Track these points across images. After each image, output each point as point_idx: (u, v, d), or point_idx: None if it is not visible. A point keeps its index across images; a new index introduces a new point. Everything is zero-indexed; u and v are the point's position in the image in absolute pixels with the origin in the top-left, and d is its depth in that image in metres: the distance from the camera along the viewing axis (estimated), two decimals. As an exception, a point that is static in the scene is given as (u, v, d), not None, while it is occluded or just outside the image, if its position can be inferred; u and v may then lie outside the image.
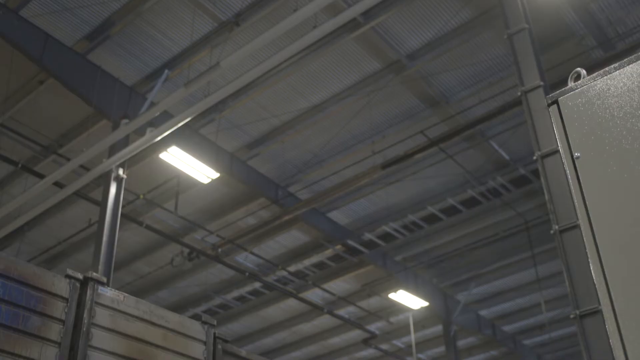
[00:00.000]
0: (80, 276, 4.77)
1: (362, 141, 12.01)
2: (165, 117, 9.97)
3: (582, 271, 8.46)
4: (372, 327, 16.19)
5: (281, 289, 14.77)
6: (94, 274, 4.88)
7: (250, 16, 9.88)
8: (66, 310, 4.60)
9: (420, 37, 10.36)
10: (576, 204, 1.76)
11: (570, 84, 1.93)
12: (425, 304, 14.93)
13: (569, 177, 1.83)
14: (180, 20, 10.13)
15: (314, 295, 15.41)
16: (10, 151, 11.31)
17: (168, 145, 10.59)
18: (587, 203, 1.73)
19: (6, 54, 10.16)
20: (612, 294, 1.62)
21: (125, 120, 9.98)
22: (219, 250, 13.59)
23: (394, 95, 11.20)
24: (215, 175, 11.36)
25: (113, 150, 10.10)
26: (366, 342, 16.52)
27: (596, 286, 1.69)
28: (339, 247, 13.89)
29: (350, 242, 13.74)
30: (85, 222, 12.90)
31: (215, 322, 5.56)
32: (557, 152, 7.95)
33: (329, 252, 14.12)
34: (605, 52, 10.26)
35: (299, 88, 11.09)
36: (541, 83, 7.88)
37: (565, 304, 14.19)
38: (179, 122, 9.10)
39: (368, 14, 9.89)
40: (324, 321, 16.18)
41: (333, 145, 12.08)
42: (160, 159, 10.96)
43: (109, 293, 4.88)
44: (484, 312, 16.43)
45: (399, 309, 15.46)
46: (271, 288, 14.91)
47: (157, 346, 5.06)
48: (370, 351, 17.13)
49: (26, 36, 9.85)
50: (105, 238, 9.58)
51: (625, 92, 1.78)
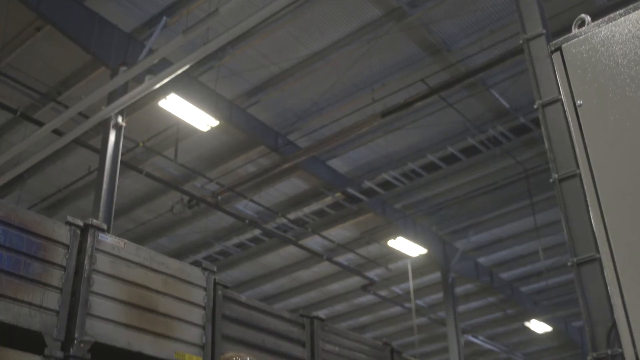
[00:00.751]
0: (80, 223, 4.79)
1: (362, 89, 11.94)
2: (164, 64, 9.88)
3: (580, 219, 8.51)
4: (371, 274, 16.36)
5: (281, 236, 14.87)
6: (94, 220, 4.90)
7: (249, -39, 9.72)
8: (67, 257, 4.62)
9: (422, -17, 10.22)
10: (577, 152, 1.75)
11: (574, 30, 1.90)
12: (423, 251, 15.05)
13: (571, 125, 1.82)
14: (178, -36, 9.97)
15: (314, 242, 15.53)
16: (9, 99, 11.25)
17: (167, 93, 10.52)
18: (588, 151, 1.72)
19: (2, 1, 10.03)
20: (611, 242, 1.63)
21: (123, 68, 9.91)
22: (219, 197, 13.64)
23: (394, 43, 11.09)
24: (214, 123, 11.32)
25: (112, 97, 10.04)
26: (365, 289, 16.70)
27: (595, 234, 1.70)
28: (338, 195, 13.93)
29: (350, 190, 13.78)
30: (85, 170, 12.91)
31: (215, 269, 5.60)
32: (558, 100, 7.91)
33: (328, 200, 14.17)
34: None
35: (299, 35, 10.98)
36: (543, 31, 7.79)
37: (563, 251, 14.31)
38: (178, 70, 9.03)
39: (369, -41, 9.72)
40: (324, 268, 16.33)
41: (333, 93, 12.02)
42: (160, 106, 10.91)
43: (109, 240, 4.90)
44: (482, 260, 16.57)
45: (397, 256, 15.59)
46: (271, 235, 15.01)
47: (158, 292, 5.11)
48: (369, 297, 17.33)
49: (22, -19, 9.70)
50: (105, 186, 9.60)
51: (629, 39, 1.75)
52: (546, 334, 18.83)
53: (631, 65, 1.72)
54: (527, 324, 18.12)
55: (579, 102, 1.78)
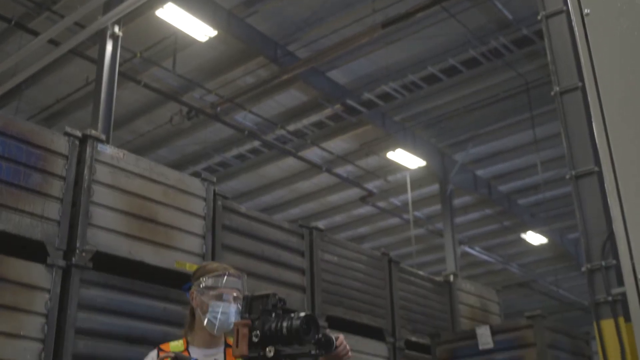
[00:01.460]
0: (79, 134, 4.77)
1: (363, -2, 11.69)
2: (160, -29, 9.65)
3: (580, 133, 8.47)
4: (370, 186, 16.45)
5: (280, 147, 14.88)
6: (93, 131, 4.88)
7: None
8: (66, 168, 4.63)
9: None
10: (583, 62, 1.72)
11: None
12: (422, 163, 15.10)
13: (577, 35, 1.78)
14: None
15: (313, 154, 15.54)
16: (2, 8, 11.02)
17: (164, 2, 10.31)
18: (594, 62, 1.69)
19: None
20: (613, 153, 1.62)
21: (119, -25, 9.68)
22: (218, 109, 13.57)
23: (396, -50, 10.80)
24: (212, 33, 11.14)
25: (108, 7, 9.85)
26: (364, 200, 16.83)
27: (598, 146, 1.69)
28: (338, 106, 13.85)
29: (349, 102, 13.69)
30: (83, 80, 12.78)
31: (214, 180, 5.62)
32: (563, 12, 7.75)
33: (327, 112, 14.10)
34: None
35: (299, -59, 10.67)
36: (550, -63, 7.57)
37: (561, 165, 14.34)
38: (175, -23, 8.82)
39: None
40: (323, 179, 16.41)
41: (333, 3, 11.77)
42: (157, 16, 10.71)
43: (108, 150, 4.89)
44: (480, 172, 16.64)
45: (396, 168, 15.64)
46: (270, 147, 15.01)
47: (158, 202, 5.14)
48: (367, 208, 17.49)
49: None
50: (103, 96, 9.52)
51: (641, -55, 1.69)
52: (542, 246, 19.11)
53: (642, -28, 1.66)
54: (524, 235, 18.36)
55: (586, 10, 1.74)
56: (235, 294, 3.23)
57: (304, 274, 6.35)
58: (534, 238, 18.35)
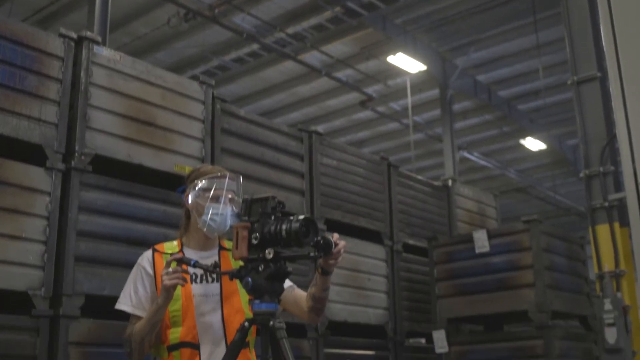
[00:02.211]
0: (74, 35, 4.69)
1: None
2: None
3: (584, 38, 8.37)
4: (370, 90, 16.32)
5: (279, 51, 14.67)
6: (89, 33, 4.79)
7: None
8: (62, 70, 4.57)
9: None
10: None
11: None
12: (423, 67, 14.93)
13: None
14: None
15: (312, 57, 15.33)
16: None
17: None
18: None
19: None
20: (620, 57, 1.58)
21: None
22: (216, 11, 13.29)
23: None
24: None
25: None
26: (363, 105, 16.74)
27: (605, 49, 1.65)
28: (338, 9, 13.57)
29: (350, 4, 13.39)
30: (78, -20, 12.47)
31: (213, 83, 5.56)
32: None
33: (327, 14, 13.82)
34: None
35: None
36: None
37: (563, 70, 14.18)
38: None
39: None
40: (322, 83, 16.25)
41: None
42: None
43: (104, 52, 4.82)
44: (480, 77, 16.48)
45: (396, 72, 15.47)
46: (269, 50, 14.80)
47: (156, 105, 5.10)
48: (367, 113, 17.41)
49: None
50: (98, -3, 9.32)
51: None
52: (540, 152, 19.15)
53: None
54: (523, 141, 18.37)
55: None
56: (231, 196, 3.23)
57: (303, 177, 6.38)
58: (533, 144, 18.36)
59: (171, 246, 3.26)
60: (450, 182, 8.64)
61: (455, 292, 7.16)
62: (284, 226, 2.77)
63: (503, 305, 6.86)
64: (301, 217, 2.76)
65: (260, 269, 2.79)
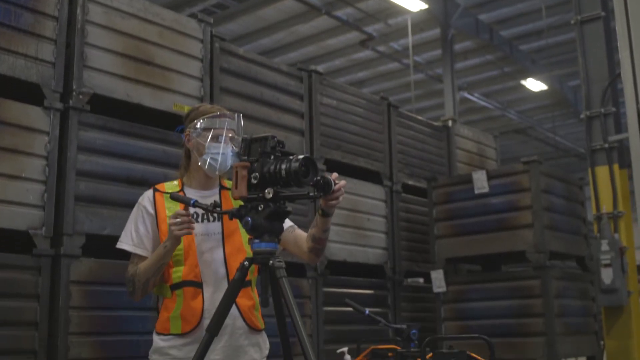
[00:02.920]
0: (69, -29, 4.60)
1: None
2: None
3: (588, -25, 8.24)
4: (370, 29, 16.11)
5: (278, -11, 14.43)
6: (84, -32, 4.70)
7: None
8: (58, 7, 4.50)
9: None
10: None
11: None
12: (424, 6, 14.70)
13: None
14: None
15: (312, -4, 15.11)
16: None
17: None
18: None
19: None
20: (627, -6, 1.55)
21: None
22: (214, -53, 13.03)
23: None
24: None
25: None
26: (363, 44, 16.55)
27: (612, -15, 1.61)
28: (338, -55, 13.31)
29: (350, -60, 13.15)
30: None
31: (211, 21, 5.49)
32: None
33: (327, -49, 13.58)
34: None
35: None
36: None
37: (566, 10, 13.99)
38: None
39: None
40: (322, 22, 16.02)
41: None
42: None
43: (101, -11, 4.73)
44: (482, 17, 16.25)
45: (397, 11, 15.25)
46: (268, -12, 14.57)
47: (154, 44, 5.04)
48: (367, 53, 17.23)
49: None
50: None
51: None
52: (541, 93, 19.02)
53: None
54: (523, 82, 18.23)
55: None
56: (231, 135, 3.22)
57: (302, 117, 6.35)
58: (534, 85, 18.22)
59: (172, 186, 3.26)
60: (450, 123, 8.61)
61: (453, 232, 7.21)
62: (283, 166, 2.76)
63: (501, 246, 6.91)
64: (301, 156, 2.75)
65: (259, 208, 2.80)
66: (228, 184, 3.25)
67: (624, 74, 1.42)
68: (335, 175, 2.87)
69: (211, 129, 3.19)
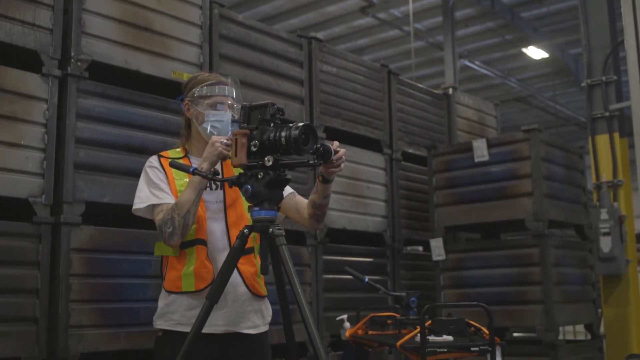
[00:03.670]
0: None
1: None
2: None
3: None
4: (370, -3, 15.98)
5: (278, -45, 14.27)
6: None
7: None
8: (56, -28, 4.44)
9: None
10: None
11: None
12: (425, -27, 14.59)
13: None
14: None
15: (312, -39, 14.95)
16: None
17: None
18: None
19: None
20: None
21: None
22: None
23: None
24: None
25: None
26: (363, 11, 16.41)
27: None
28: None
29: None
30: None
31: (211, -12, 5.42)
32: None
33: None
34: None
35: None
36: None
37: (569, -24, 13.87)
38: None
39: None
40: (322, -11, 15.90)
41: None
42: None
43: (98, -46, 4.67)
44: (484, -17, 16.10)
45: (398, -22, 15.13)
46: (267, -46, 14.39)
47: (152, 10, 5.00)
48: (367, 20, 17.08)
49: None
50: None
51: None
52: (542, 60, 18.90)
53: None
54: (525, 50, 18.10)
55: None
56: (230, 102, 3.23)
57: (302, 84, 6.32)
58: (535, 53, 18.10)
59: (175, 152, 3.28)
60: (450, 91, 8.57)
61: (453, 200, 7.21)
62: (283, 133, 2.76)
63: (500, 214, 6.92)
64: (301, 124, 2.75)
65: (259, 176, 2.80)
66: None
67: (627, 41, 1.39)
68: (336, 144, 2.87)
69: (210, 96, 3.20)
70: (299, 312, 2.67)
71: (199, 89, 3.21)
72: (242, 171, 2.88)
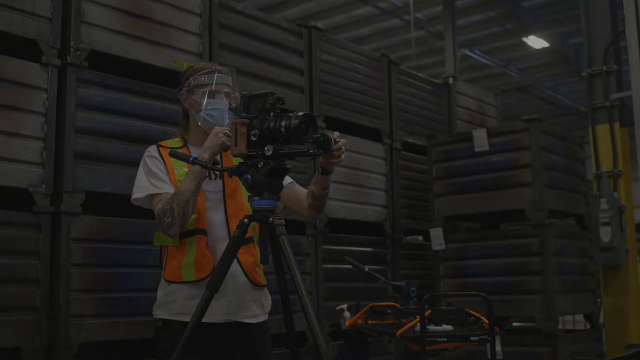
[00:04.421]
0: None
1: None
2: None
3: None
4: (371, -14, 15.92)
5: (278, -56, 14.22)
6: None
7: None
8: (55, -39, 4.42)
9: None
10: None
11: None
12: (426, -38, 14.54)
13: None
14: None
15: (312, -50, 14.90)
16: None
17: None
18: None
19: None
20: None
21: None
22: None
23: None
24: None
25: None
26: (364, 0, 16.38)
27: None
28: None
29: None
30: None
31: (210, -24, 5.40)
32: None
33: None
34: None
35: None
36: None
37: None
38: None
39: None
40: (322, -22, 15.85)
41: None
42: None
43: (97, -57, 4.65)
44: (485, -28, 16.05)
45: (398, -33, 15.08)
46: (267, -57, 14.34)
47: (152, -1, 4.96)
48: (367, 9, 17.02)
49: None
50: None
51: None
52: (543, 50, 18.86)
53: None
54: (525, 39, 18.06)
55: None
56: (227, 90, 3.22)
57: (302, 74, 6.30)
58: (536, 42, 18.06)
59: (174, 142, 3.28)
60: (450, 80, 8.55)
61: (453, 190, 7.21)
62: (283, 122, 2.75)
63: (500, 204, 6.92)
64: (300, 113, 2.74)
65: (259, 165, 2.80)
66: (229, 141, 3.25)
67: (628, 30, 1.39)
68: (336, 134, 2.87)
69: (206, 85, 3.20)
70: (299, 301, 2.67)
71: (195, 77, 3.21)
72: (241, 160, 2.88)
